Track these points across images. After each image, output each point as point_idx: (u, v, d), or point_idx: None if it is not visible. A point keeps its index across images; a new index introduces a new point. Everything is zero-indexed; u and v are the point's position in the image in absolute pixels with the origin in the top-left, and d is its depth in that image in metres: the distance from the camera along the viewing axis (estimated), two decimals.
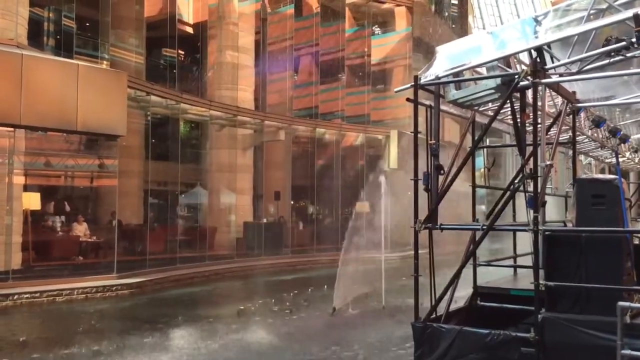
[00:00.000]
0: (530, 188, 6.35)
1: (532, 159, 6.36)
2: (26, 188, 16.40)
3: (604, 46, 6.18)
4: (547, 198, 6.74)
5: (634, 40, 5.80)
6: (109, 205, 18.42)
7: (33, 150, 17.21)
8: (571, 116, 8.38)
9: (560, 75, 7.15)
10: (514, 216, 8.85)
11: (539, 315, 6.04)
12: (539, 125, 6.42)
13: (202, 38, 24.03)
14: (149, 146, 19.19)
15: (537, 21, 6.55)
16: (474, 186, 8.75)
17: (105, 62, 19.71)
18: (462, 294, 7.21)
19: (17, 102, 13.03)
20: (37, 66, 13.71)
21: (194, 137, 25.61)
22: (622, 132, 10.72)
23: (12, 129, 13.97)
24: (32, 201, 16.10)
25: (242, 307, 12.36)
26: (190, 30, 25.79)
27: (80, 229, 17.47)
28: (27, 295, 12.78)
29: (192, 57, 26.62)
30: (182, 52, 25.74)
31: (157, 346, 9.09)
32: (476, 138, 7.95)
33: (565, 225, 8.79)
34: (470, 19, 39.91)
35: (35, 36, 16.81)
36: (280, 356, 8.71)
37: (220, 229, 21.95)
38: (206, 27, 23.74)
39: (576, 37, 6.50)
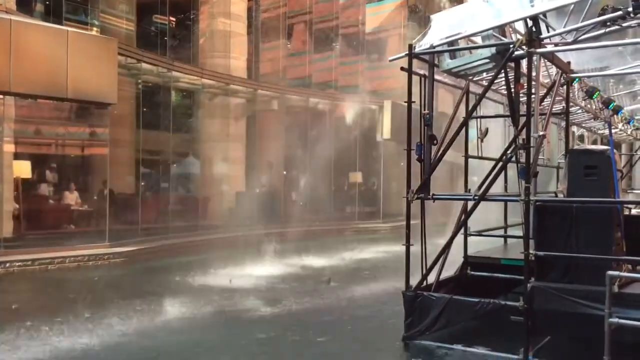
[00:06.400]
0: (523, 159, 6.37)
1: (525, 129, 6.36)
2: (17, 156, 16.27)
3: (600, 15, 6.15)
4: (539, 169, 6.77)
5: (630, 9, 5.76)
6: (100, 174, 18.34)
7: (23, 118, 17.03)
8: (565, 87, 8.37)
9: (556, 45, 7.11)
10: (506, 187, 8.89)
11: (528, 285, 6.11)
12: (532, 96, 6.41)
13: (193, 4, 23.66)
14: (140, 115, 19.00)
15: None
16: (467, 156, 8.77)
17: (95, 28, 19.40)
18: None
19: (7, 69, 12.82)
20: (27, 32, 13.47)
21: (186, 106, 25.39)
22: (615, 104, 10.72)
23: (1, 97, 13.80)
24: (23, 169, 16.00)
25: (234, 276, 12.43)
26: None
27: (72, 198, 17.42)
28: (18, 264, 12.79)
29: (183, 24, 26.23)
30: (174, 19, 25.34)
31: (149, 313, 9.14)
32: (470, 108, 7.94)
33: (557, 196, 8.85)
34: None
35: (24, 2, 16.49)
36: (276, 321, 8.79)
37: (212, 198, 21.95)
38: None
39: (572, 6, 6.46)
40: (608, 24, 6.19)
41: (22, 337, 7.63)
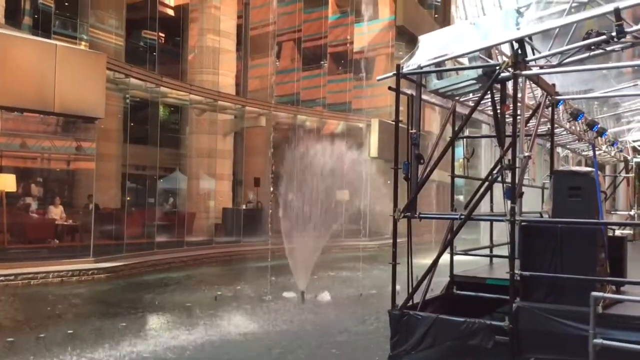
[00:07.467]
0: (508, 179, 6.42)
1: (510, 150, 6.42)
2: (1, 169, 16.14)
3: (584, 39, 6.24)
4: (524, 189, 6.83)
5: (614, 34, 5.86)
6: (85, 189, 18.22)
7: (9, 131, 16.92)
8: (550, 108, 8.48)
9: (541, 67, 7.21)
10: (492, 206, 8.94)
11: (514, 305, 6.13)
12: (518, 117, 6.49)
13: (183, 21, 23.77)
14: (127, 129, 18.97)
15: (519, 13, 6.59)
16: (453, 176, 8.83)
17: (84, 43, 19.40)
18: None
19: None
20: (14, 46, 13.44)
21: (173, 122, 25.37)
22: (599, 126, 10.87)
23: None
24: (8, 183, 15.84)
25: (219, 293, 12.35)
26: (171, 12, 25.48)
27: (57, 212, 17.25)
28: (1, 278, 12.62)
29: (172, 40, 26.31)
30: (163, 35, 25.40)
31: (132, 331, 9.04)
32: (456, 128, 8.00)
33: (542, 217, 8.91)
34: (452, 8, 39.97)
35: (12, 15, 16.46)
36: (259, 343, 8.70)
37: (198, 214, 21.86)
38: (187, 10, 23.47)
39: (557, 29, 6.56)
40: (592, 47, 6.29)
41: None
